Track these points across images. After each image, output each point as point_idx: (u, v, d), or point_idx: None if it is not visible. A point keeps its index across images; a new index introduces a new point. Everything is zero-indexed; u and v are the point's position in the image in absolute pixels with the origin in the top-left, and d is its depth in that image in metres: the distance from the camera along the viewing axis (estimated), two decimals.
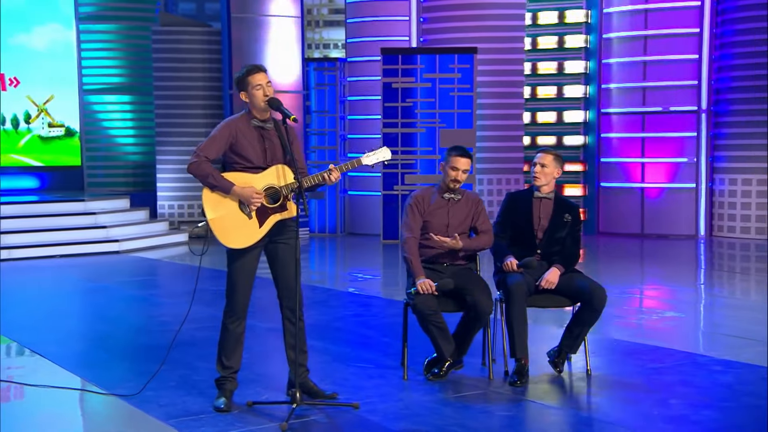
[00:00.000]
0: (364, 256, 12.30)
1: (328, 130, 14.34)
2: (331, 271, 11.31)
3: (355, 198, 14.43)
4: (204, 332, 7.12)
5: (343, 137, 14.43)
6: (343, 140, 14.45)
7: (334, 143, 14.33)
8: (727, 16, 13.55)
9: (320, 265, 11.77)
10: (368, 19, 14.29)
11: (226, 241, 5.08)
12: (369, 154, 5.24)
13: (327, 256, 12.69)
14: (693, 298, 8.98)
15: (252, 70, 5.16)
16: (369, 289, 9.49)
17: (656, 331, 7.28)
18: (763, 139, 13.27)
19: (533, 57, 14.30)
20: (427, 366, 5.78)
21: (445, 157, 5.87)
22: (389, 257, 12.05)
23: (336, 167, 5.12)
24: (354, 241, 13.60)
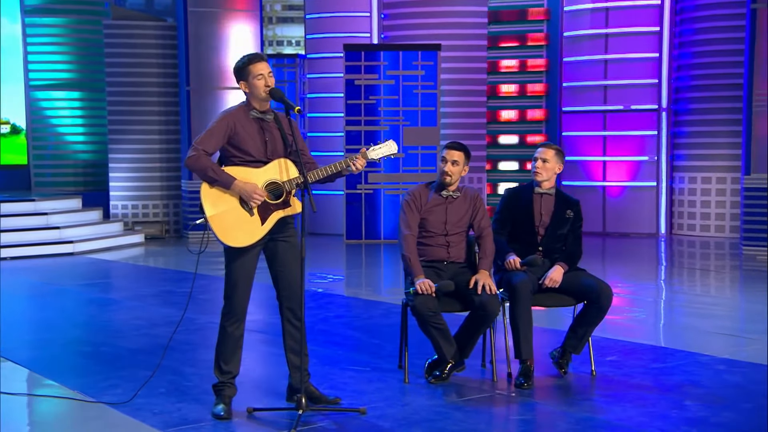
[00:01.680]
0: (328, 256, 12.03)
1: None
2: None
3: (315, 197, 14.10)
4: (184, 335, 6.82)
5: (304, 135, 14.15)
6: (304, 138, 14.13)
7: None
8: (685, 15, 13.62)
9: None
10: (328, 15, 14.04)
11: (226, 239, 4.80)
12: (374, 148, 5.00)
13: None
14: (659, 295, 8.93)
15: (253, 59, 4.91)
16: (340, 290, 9.25)
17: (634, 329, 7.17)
18: (722, 138, 13.36)
19: (494, 54, 14.21)
20: (428, 368, 5.57)
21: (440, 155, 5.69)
22: (353, 257, 11.82)
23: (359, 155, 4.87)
24: (316, 241, 13.33)
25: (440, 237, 5.60)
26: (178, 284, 9.56)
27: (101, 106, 14.65)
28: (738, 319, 7.57)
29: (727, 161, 13.37)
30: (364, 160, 4.90)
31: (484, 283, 5.34)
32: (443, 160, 5.60)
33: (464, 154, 5.63)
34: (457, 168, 5.59)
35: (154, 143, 14.11)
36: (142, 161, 14.10)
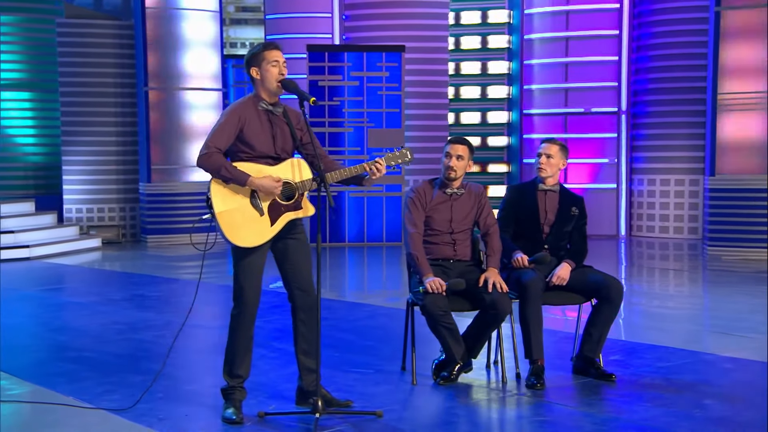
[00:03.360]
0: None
1: None
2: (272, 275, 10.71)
3: None
4: (168, 340, 6.53)
5: None
6: None
7: None
8: (643, 19, 13.70)
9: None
10: (289, 16, 13.80)
11: (234, 238, 4.56)
12: (389, 155, 4.82)
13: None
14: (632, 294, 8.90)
15: (269, 46, 4.69)
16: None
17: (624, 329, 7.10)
18: (680, 140, 13.46)
19: (457, 57, 14.12)
20: (435, 369, 5.39)
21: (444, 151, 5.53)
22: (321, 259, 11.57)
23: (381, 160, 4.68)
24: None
25: (446, 235, 5.44)
26: (148, 288, 9.24)
27: (54, 107, 14.16)
28: (722, 318, 7.53)
29: (685, 163, 13.46)
30: (384, 168, 4.71)
31: (495, 281, 5.18)
32: (447, 156, 5.44)
33: (468, 149, 5.48)
34: (462, 163, 5.43)
35: (110, 145, 13.68)
36: (98, 164, 13.66)
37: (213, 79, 13.32)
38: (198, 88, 13.17)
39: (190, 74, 13.12)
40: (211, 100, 13.33)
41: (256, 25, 18.04)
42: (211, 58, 13.29)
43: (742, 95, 11.14)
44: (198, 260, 11.52)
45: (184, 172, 13.21)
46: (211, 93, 13.31)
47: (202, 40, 13.18)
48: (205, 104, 13.27)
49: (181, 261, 11.46)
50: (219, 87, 13.38)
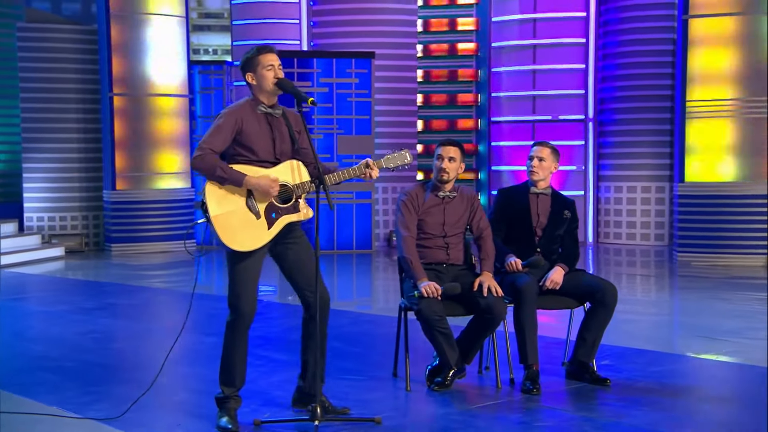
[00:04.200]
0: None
1: None
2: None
3: None
4: (145, 350, 6.38)
5: None
6: None
7: None
8: (609, 27, 13.79)
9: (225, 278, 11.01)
10: (256, 22, 13.66)
11: (231, 242, 4.43)
12: (389, 157, 4.73)
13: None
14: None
15: (263, 50, 4.58)
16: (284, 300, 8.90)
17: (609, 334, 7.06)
18: (646, 148, 13.55)
19: (425, 64, 14.08)
20: (429, 375, 5.30)
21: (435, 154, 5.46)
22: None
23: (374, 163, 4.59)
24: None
25: (439, 239, 5.37)
26: (120, 297, 9.03)
27: (14, 113, 13.84)
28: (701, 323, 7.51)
29: (651, 170, 13.56)
30: (378, 170, 4.62)
31: (490, 285, 5.12)
32: (439, 158, 5.38)
33: (460, 150, 5.43)
34: (454, 165, 5.37)
35: (72, 152, 13.39)
36: (60, 171, 13.37)
37: (179, 86, 13.12)
38: (164, 95, 12.97)
39: (155, 80, 12.91)
40: (177, 107, 13.13)
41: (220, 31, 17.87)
42: (177, 64, 13.09)
43: (710, 102, 11.24)
44: (166, 269, 11.33)
45: (150, 180, 12.98)
46: (177, 99, 13.11)
47: (168, 46, 12.98)
48: (171, 111, 13.07)
49: (149, 270, 11.25)
50: (185, 93, 13.19)
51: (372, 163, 4.61)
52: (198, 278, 9.80)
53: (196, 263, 11.46)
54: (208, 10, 17.96)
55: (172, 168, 13.12)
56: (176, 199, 13.13)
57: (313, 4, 13.77)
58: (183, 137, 13.19)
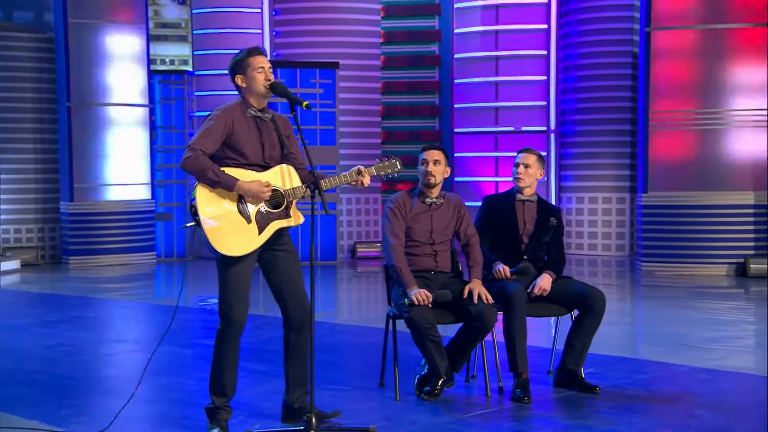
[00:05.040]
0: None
1: (176, 147, 13.36)
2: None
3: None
4: (114, 360, 6.24)
5: None
6: None
7: None
8: (570, 40, 13.89)
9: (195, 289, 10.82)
10: (218, 31, 13.50)
11: (221, 247, 4.30)
12: (380, 165, 4.66)
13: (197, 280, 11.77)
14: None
15: (253, 52, 4.48)
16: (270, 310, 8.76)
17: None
18: (607, 159, 13.64)
19: (387, 75, 14.03)
20: (418, 384, 5.22)
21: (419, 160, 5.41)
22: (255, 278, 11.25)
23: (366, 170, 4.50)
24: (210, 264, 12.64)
25: (426, 246, 5.30)
26: (83, 310, 8.81)
27: None
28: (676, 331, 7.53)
29: (612, 181, 13.66)
30: (369, 177, 4.54)
31: (480, 292, 5.06)
32: (423, 163, 5.33)
33: (444, 154, 5.39)
34: (440, 168, 5.32)
35: (28, 163, 13.07)
36: (15, 182, 13.04)
37: (139, 95, 12.90)
38: (123, 104, 12.74)
39: (114, 90, 12.67)
40: (137, 117, 12.90)
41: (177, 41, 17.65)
42: (136, 73, 12.87)
43: (673, 114, 11.35)
44: (126, 281, 11.10)
45: (109, 191, 12.72)
46: (136, 109, 12.88)
47: (127, 55, 12.77)
48: (131, 121, 12.83)
49: (109, 282, 11.01)
50: (145, 103, 12.97)
51: (364, 171, 4.53)
52: (183, 286, 9.68)
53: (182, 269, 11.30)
54: (165, 20, 17.71)
55: (132, 179, 12.88)
56: (135, 210, 12.88)
57: (275, 14, 13.66)
58: (143, 148, 12.96)
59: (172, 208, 13.43)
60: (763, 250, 11.09)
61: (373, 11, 13.66)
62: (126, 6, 12.83)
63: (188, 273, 12.17)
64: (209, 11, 13.59)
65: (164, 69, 15.06)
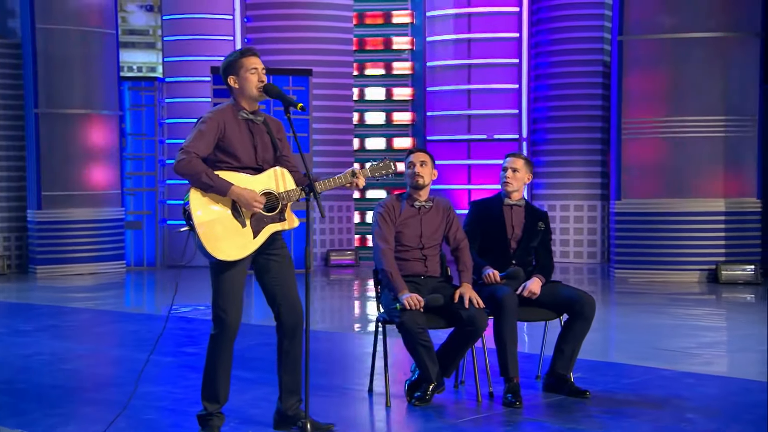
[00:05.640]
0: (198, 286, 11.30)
1: (146, 154, 13.25)
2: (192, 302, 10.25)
3: (175, 228, 13.32)
4: (95, 369, 6.19)
5: (162, 162, 13.37)
6: (162, 165, 13.39)
7: (153, 169, 13.24)
8: (541, 48, 13.99)
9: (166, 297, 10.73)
10: (188, 38, 13.40)
11: (215, 251, 4.25)
12: (374, 166, 4.65)
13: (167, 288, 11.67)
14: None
15: (246, 52, 4.44)
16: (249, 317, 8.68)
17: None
18: (578, 167, 13.74)
19: (360, 83, 14.03)
20: (408, 390, 5.19)
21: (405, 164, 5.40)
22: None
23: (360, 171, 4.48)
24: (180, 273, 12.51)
25: (416, 251, 5.29)
26: (57, 318, 8.68)
27: None
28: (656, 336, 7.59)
29: (583, 189, 13.76)
30: (364, 178, 4.52)
31: (471, 297, 5.05)
32: (410, 165, 5.33)
33: (429, 156, 5.39)
34: (427, 169, 5.33)
35: None
36: None
37: (108, 102, 12.76)
38: (92, 111, 12.59)
39: (83, 96, 12.53)
40: (106, 124, 12.76)
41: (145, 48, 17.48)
42: (107, 80, 12.74)
43: (646, 122, 11.46)
44: (96, 291, 10.95)
45: (78, 199, 12.55)
46: (106, 116, 12.74)
47: (96, 61, 12.63)
48: (100, 128, 12.69)
49: (79, 292, 10.86)
50: (115, 110, 12.83)
51: (358, 172, 4.52)
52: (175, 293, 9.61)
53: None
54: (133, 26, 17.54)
55: (101, 187, 12.72)
56: (105, 219, 12.73)
57: (247, 21, 13.61)
58: (112, 155, 12.82)
59: (142, 217, 13.31)
60: (734, 256, 11.22)
61: (346, 18, 13.65)
62: (95, 12, 12.69)
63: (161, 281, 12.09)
64: (180, 17, 13.50)
65: (134, 76, 14.91)
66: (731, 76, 11.25)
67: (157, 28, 15.77)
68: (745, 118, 11.26)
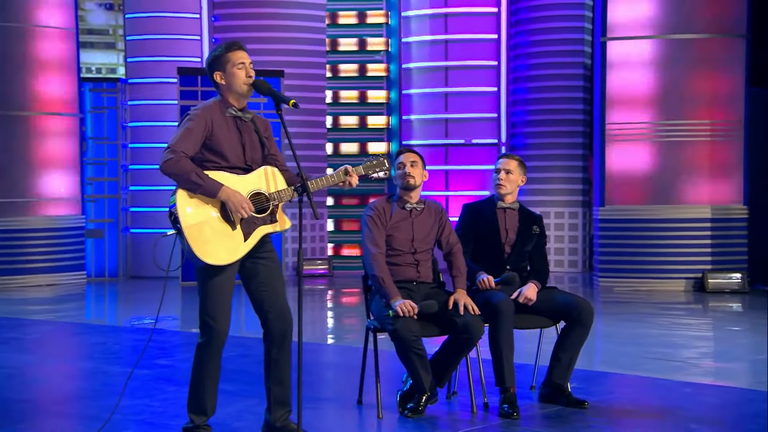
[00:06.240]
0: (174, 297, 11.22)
1: (108, 159, 13.12)
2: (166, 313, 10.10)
3: (139, 236, 13.24)
4: (65, 382, 6.14)
5: (125, 167, 13.26)
6: (125, 171, 13.28)
7: (115, 174, 13.12)
8: (520, 50, 14.06)
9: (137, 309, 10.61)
10: (153, 37, 13.31)
11: (204, 255, 4.21)
12: (368, 164, 4.65)
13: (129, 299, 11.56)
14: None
15: (233, 46, 4.42)
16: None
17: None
18: (559, 173, 13.80)
19: (334, 85, 14.01)
20: (400, 401, 5.17)
21: (394, 165, 5.39)
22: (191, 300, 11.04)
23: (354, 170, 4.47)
24: (144, 284, 12.44)
25: (408, 255, 5.27)
26: (19, 330, 8.55)
27: None
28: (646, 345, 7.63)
29: (564, 196, 13.82)
30: (357, 177, 4.51)
31: (466, 303, 5.04)
32: (400, 165, 5.32)
33: (419, 157, 5.40)
34: (418, 170, 5.32)
35: None
36: None
37: (68, 104, 12.62)
38: (51, 113, 12.45)
39: (41, 98, 12.38)
40: (66, 127, 12.61)
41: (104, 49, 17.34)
42: (66, 81, 12.60)
43: (629, 125, 11.55)
44: (56, 303, 10.81)
45: (35, 207, 12.38)
46: (65, 119, 12.60)
47: (55, 61, 12.49)
48: (60, 131, 12.52)
49: (38, 303, 10.71)
50: (75, 112, 12.70)
51: (351, 170, 4.50)
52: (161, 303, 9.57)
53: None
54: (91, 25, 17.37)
55: (60, 193, 12.57)
56: (64, 227, 12.56)
57: (215, 20, 13.55)
58: (72, 160, 12.67)
59: (103, 225, 13.17)
60: (721, 264, 11.33)
61: (319, 18, 13.64)
62: (54, 9, 12.56)
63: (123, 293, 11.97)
64: (144, 16, 13.41)
65: (94, 77, 14.77)
66: (717, 79, 11.38)
67: (118, 27, 15.67)
68: (731, 122, 11.38)
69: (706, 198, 11.42)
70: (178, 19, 13.37)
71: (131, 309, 11.01)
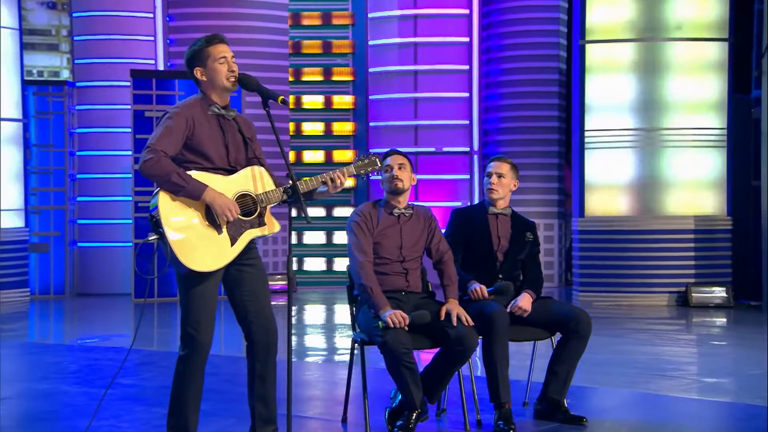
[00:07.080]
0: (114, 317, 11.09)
1: (54, 168, 12.97)
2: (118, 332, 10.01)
3: (87, 251, 13.09)
4: (30, 403, 6.05)
5: (72, 177, 13.12)
6: (73, 180, 13.13)
7: (62, 184, 12.97)
8: (492, 54, 14.16)
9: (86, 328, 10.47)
10: (103, 38, 13.21)
11: (189, 262, 4.18)
12: (359, 163, 4.66)
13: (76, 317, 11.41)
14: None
15: (213, 40, 4.42)
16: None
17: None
18: (533, 183, 13.84)
19: (297, 90, 14.00)
20: (389, 418, 5.16)
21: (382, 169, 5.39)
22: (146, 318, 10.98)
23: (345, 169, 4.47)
24: (94, 302, 12.29)
25: (397, 264, 5.28)
26: None
27: None
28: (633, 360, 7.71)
29: (539, 207, 13.89)
30: (345, 181, 4.52)
31: (458, 314, 5.05)
32: (388, 168, 5.34)
33: (407, 159, 5.42)
34: (406, 173, 5.35)
35: None
36: None
37: (11, 108, 12.44)
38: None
39: None
40: (9, 132, 12.40)
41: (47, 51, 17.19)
42: (8, 84, 12.43)
43: (610, 133, 11.65)
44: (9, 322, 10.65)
45: None
46: (7, 124, 12.39)
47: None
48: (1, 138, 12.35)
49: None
50: (18, 117, 12.52)
51: (344, 170, 4.51)
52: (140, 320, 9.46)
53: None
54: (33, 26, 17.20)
55: (1, 204, 12.37)
56: (6, 240, 12.33)
57: (169, 20, 13.48)
58: (14, 169, 12.46)
59: (49, 238, 13.00)
60: (704, 278, 11.46)
61: (281, 18, 13.63)
62: None
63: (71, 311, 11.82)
64: (92, 15, 13.31)
65: (37, 80, 14.61)
66: (700, 85, 11.53)
67: (62, 27, 15.57)
68: (714, 129, 11.53)
69: (689, 208, 11.55)
70: (129, 19, 13.28)
71: (80, 327, 10.88)
